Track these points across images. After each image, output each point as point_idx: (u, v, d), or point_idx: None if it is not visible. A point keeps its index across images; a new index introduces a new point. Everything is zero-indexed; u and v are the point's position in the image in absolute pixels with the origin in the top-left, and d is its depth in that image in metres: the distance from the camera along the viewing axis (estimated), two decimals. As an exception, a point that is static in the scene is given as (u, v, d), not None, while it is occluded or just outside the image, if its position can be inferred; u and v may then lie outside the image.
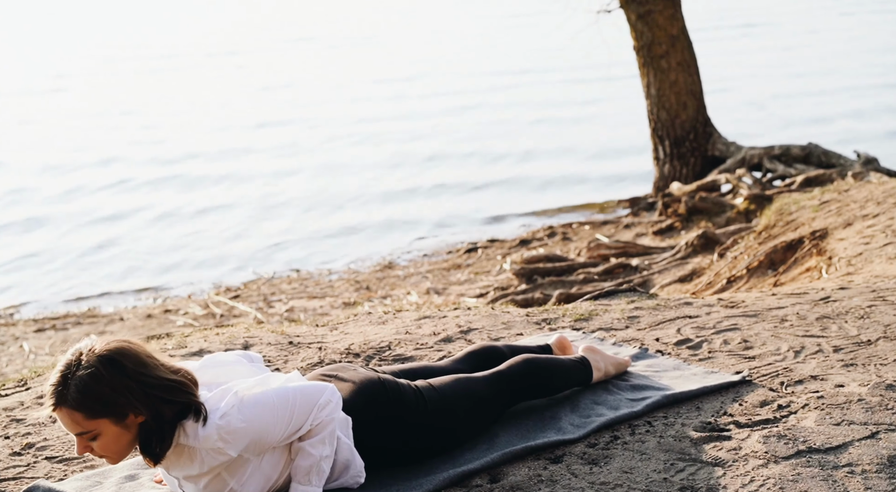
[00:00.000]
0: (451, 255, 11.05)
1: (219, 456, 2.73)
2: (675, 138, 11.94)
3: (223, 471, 2.78)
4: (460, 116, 19.75)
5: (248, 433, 2.72)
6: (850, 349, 3.96)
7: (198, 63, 30.68)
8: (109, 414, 2.64)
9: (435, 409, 3.11)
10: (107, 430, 2.66)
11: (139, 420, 2.69)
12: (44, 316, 9.88)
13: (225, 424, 2.70)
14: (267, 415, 2.75)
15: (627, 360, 3.82)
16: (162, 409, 2.67)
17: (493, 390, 3.30)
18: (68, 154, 18.21)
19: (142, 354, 2.71)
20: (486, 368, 3.56)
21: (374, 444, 3.01)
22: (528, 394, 3.45)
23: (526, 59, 27.63)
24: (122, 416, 2.66)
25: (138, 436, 2.71)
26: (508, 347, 3.72)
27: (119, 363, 2.66)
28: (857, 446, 3.09)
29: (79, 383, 2.62)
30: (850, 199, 7.95)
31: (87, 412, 2.63)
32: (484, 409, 3.27)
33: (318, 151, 17.47)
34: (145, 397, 2.65)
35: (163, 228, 13.05)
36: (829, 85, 20.72)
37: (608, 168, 14.75)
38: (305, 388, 2.84)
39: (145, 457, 2.74)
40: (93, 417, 2.64)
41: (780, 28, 31.21)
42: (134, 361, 2.68)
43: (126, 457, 2.77)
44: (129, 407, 2.65)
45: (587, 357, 3.69)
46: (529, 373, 3.42)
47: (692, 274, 8.57)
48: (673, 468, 3.01)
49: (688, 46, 11.85)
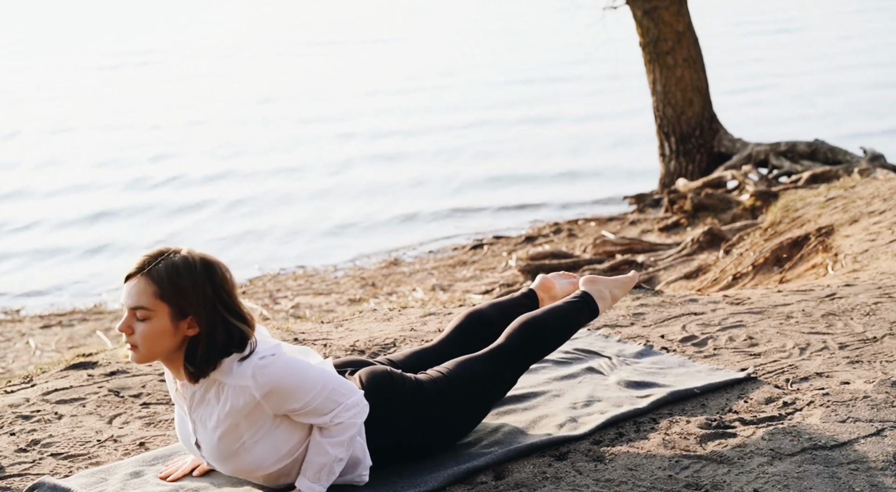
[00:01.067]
0: (456, 251, 11.05)
1: (243, 396, 2.73)
2: (680, 135, 11.92)
3: (242, 420, 2.76)
4: (466, 114, 19.73)
5: (279, 382, 2.73)
6: (855, 346, 3.95)
7: (196, 62, 30.71)
8: (175, 304, 2.70)
9: (441, 399, 3.07)
10: (161, 319, 2.71)
11: (192, 332, 2.73)
12: (50, 312, 9.90)
13: (263, 365, 2.73)
14: (302, 378, 2.76)
15: (632, 275, 3.62)
16: (221, 330, 2.73)
17: (497, 367, 3.21)
18: (67, 153, 18.24)
19: (231, 277, 2.80)
20: (479, 338, 3.45)
21: (383, 439, 3.00)
22: (536, 356, 3.32)
23: (532, 56, 27.60)
24: (182, 314, 2.71)
25: (185, 347, 2.74)
26: (492, 306, 3.55)
27: (212, 269, 2.75)
28: (863, 443, 3.08)
29: (170, 263, 2.71)
30: (857, 195, 7.93)
31: (159, 290, 2.70)
32: (489, 390, 3.20)
33: (325, 147, 17.47)
34: (214, 311, 2.72)
35: (167, 224, 13.06)
36: (835, 80, 20.67)
37: (614, 164, 14.73)
38: (342, 381, 2.86)
39: (186, 371, 2.75)
40: (160, 298, 2.70)
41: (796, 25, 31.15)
42: (223, 277, 2.77)
43: (154, 360, 2.78)
44: (195, 311, 2.71)
45: (587, 290, 3.50)
46: (530, 337, 3.29)
47: (698, 271, 8.56)
48: (678, 466, 3.01)
49: (694, 43, 11.83)
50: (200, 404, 2.82)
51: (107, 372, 4.10)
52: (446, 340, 3.46)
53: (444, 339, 3.47)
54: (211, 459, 2.88)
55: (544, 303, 3.63)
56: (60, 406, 3.77)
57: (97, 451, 3.37)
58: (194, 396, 2.83)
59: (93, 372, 4.11)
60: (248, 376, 2.72)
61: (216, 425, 2.79)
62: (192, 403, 2.84)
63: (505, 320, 3.52)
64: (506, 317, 3.52)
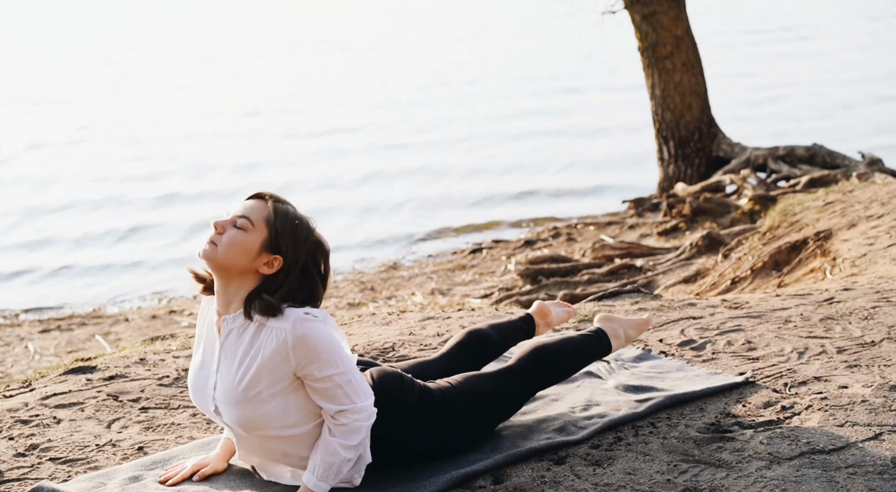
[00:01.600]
0: (455, 255, 11.05)
1: (277, 340, 2.76)
2: (679, 139, 11.93)
3: (266, 368, 2.78)
4: (467, 121, 19.75)
5: (313, 339, 2.76)
6: (853, 350, 3.95)
7: (192, 70, 30.71)
8: (273, 236, 2.80)
9: (447, 409, 3.08)
10: (253, 238, 2.80)
11: (266, 270, 2.80)
12: (49, 317, 9.90)
13: (306, 317, 2.77)
14: (334, 350, 2.80)
15: (647, 318, 3.70)
16: (300, 286, 2.82)
17: (506, 388, 3.24)
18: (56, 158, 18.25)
19: (328, 258, 2.92)
20: (481, 358, 3.53)
21: (387, 440, 3.00)
22: (545, 384, 3.37)
23: (531, 61, 27.62)
24: (272, 248, 2.81)
25: (254, 281, 2.81)
26: (492, 327, 3.64)
27: (321, 242, 2.90)
28: (861, 448, 3.08)
29: (291, 208, 2.88)
30: (855, 200, 7.94)
31: (270, 217, 2.81)
32: (496, 408, 3.23)
33: (323, 153, 17.48)
34: (303, 265, 2.83)
35: (168, 230, 13.06)
36: (835, 84, 20.69)
37: (613, 168, 14.74)
38: (364, 382, 2.90)
39: (248, 303, 2.80)
40: (266, 223, 2.81)
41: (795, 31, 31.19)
42: (323, 254, 2.90)
43: (219, 265, 2.81)
44: (286, 253, 2.80)
45: (602, 327, 3.58)
46: (542, 364, 3.34)
47: (696, 275, 8.56)
48: (676, 470, 3.01)
49: (692, 47, 11.84)
50: (236, 340, 2.84)
51: (105, 377, 4.10)
52: (446, 356, 3.51)
53: (445, 354, 3.53)
54: (223, 402, 2.86)
55: (540, 328, 3.77)
56: (59, 411, 3.77)
57: (96, 455, 3.37)
58: (232, 332, 2.85)
59: (91, 377, 4.11)
60: (289, 322, 2.76)
61: (241, 364, 2.81)
62: (228, 339, 2.86)
63: (504, 342, 3.65)
64: (504, 339, 3.65)
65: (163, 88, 26.37)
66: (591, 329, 3.57)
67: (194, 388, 2.97)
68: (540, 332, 3.75)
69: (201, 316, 3.00)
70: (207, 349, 2.94)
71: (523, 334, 3.71)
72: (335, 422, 2.85)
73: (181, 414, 3.71)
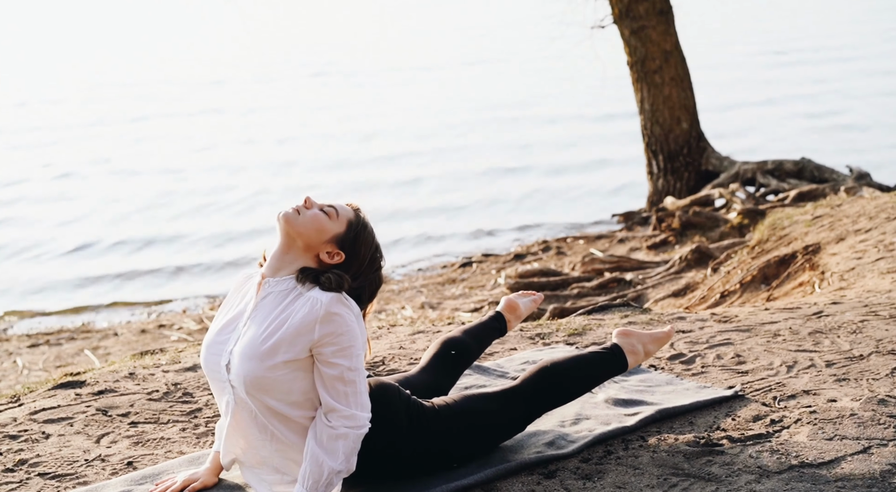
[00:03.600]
0: (445, 269, 11.06)
1: (310, 311, 2.81)
2: (668, 153, 11.98)
3: (288, 337, 2.82)
4: (456, 132, 19.79)
5: (341, 321, 2.81)
6: (842, 364, 3.97)
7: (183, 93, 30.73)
8: (349, 235, 2.95)
9: (441, 428, 3.07)
10: (331, 227, 2.94)
11: (327, 259, 2.92)
12: (37, 331, 9.86)
13: (343, 300, 2.84)
14: (356, 347, 2.85)
15: (669, 330, 3.51)
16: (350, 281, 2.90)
17: (505, 408, 3.19)
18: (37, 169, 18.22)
19: (380, 273, 3.06)
20: (458, 365, 3.57)
21: (378, 452, 2.99)
22: (550, 405, 3.29)
23: (520, 74, 27.71)
24: (341, 245, 2.95)
25: (317, 260, 2.92)
26: (464, 332, 3.69)
27: (378, 259, 3.03)
28: (850, 461, 3.09)
29: (371, 228, 3.04)
30: (843, 214, 7.98)
31: (353, 219, 2.98)
32: (495, 429, 3.19)
33: (314, 164, 17.48)
34: (357, 274, 2.94)
35: (157, 244, 13.04)
36: (822, 97, 20.80)
37: (603, 182, 14.79)
38: (366, 394, 2.91)
39: (300, 273, 2.90)
40: (347, 223, 2.97)
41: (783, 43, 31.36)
42: (381, 274, 3.04)
43: (296, 232, 2.92)
44: (351, 254, 2.94)
45: (619, 343, 3.43)
46: (547, 385, 3.26)
47: (686, 288, 8.58)
48: (666, 483, 3.02)
49: (681, 61, 11.90)
50: (271, 303, 2.89)
51: (94, 391, 4.08)
52: (426, 369, 3.52)
53: (424, 368, 3.53)
54: (238, 355, 2.87)
55: (511, 323, 3.86)
56: (48, 426, 3.75)
57: (85, 470, 3.36)
58: (269, 295, 2.90)
59: (80, 391, 4.10)
60: (328, 296, 2.83)
61: (271, 324, 2.85)
62: (264, 300, 2.90)
63: (478, 345, 3.72)
64: (479, 342, 3.72)
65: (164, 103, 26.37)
66: (605, 345, 3.45)
67: (210, 344, 2.97)
68: (512, 326, 3.85)
69: (235, 290, 3.07)
70: (239, 311, 2.98)
71: (496, 333, 3.81)
72: (325, 423, 2.83)
73: (171, 429, 3.70)
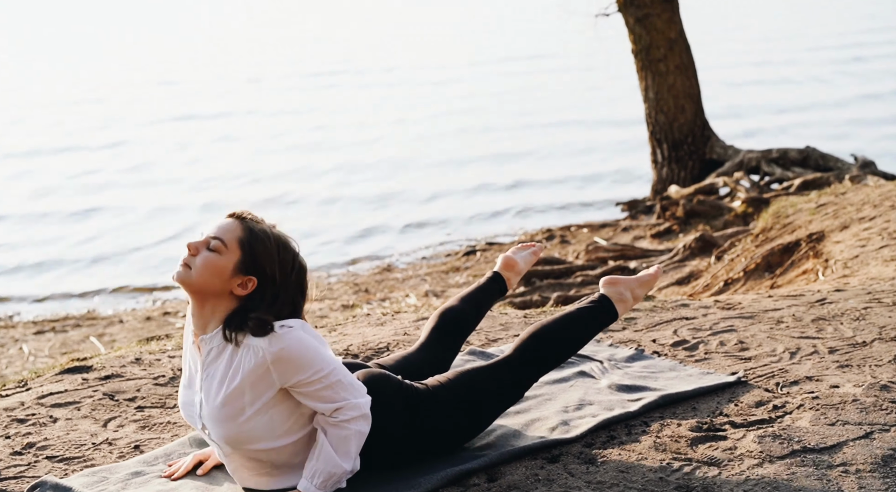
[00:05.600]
0: (449, 258, 11.08)
1: (255, 358, 2.73)
2: (673, 141, 11.97)
3: (248, 385, 2.75)
4: (461, 119, 19.78)
5: (292, 350, 2.73)
6: (845, 351, 3.98)
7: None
8: (248, 258, 2.76)
9: (438, 408, 3.07)
10: (227, 259, 2.75)
11: (240, 291, 2.76)
12: (43, 318, 9.90)
13: (281, 332, 2.74)
14: (315, 353, 2.76)
15: (655, 271, 3.46)
16: (278, 305, 2.77)
17: (502, 380, 3.18)
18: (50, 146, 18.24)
19: (305, 273, 2.88)
20: (460, 334, 3.50)
21: (377, 442, 3.01)
22: (547, 368, 3.27)
23: (525, 63, 27.66)
24: (246, 270, 2.76)
25: (226, 304, 2.77)
26: (462, 299, 3.59)
27: (298, 259, 2.86)
28: (852, 446, 3.11)
29: (269, 229, 2.83)
30: (847, 202, 7.98)
31: (243, 237, 2.77)
32: (494, 401, 3.19)
33: (317, 153, 17.49)
34: (280, 284, 2.78)
35: (161, 231, 13.07)
36: (828, 87, 20.76)
37: (607, 170, 14.78)
38: (354, 380, 2.86)
39: (227, 325, 2.77)
40: (239, 244, 2.76)
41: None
42: (301, 269, 2.86)
43: (193, 288, 2.78)
44: (261, 274, 2.76)
45: (606, 293, 3.39)
46: (540, 349, 3.24)
47: (689, 277, 8.59)
48: (669, 468, 3.04)
49: (686, 50, 11.88)
50: (215, 359, 2.81)
51: (101, 376, 4.11)
52: (426, 345, 3.47)
53: (424, 343, 3.48)
54: (208, 420, 2.84)
55: (511, 281, 3.73)
56: (55, 410, 3.78)
57: (92, 454, 3.38)
58: (211, 351, 2.82)
59: (87, 376, 4.13)
60: (265, 339, 2.73)
61: (222, 384, 2.77)
62: (208, 358, 2.82)
63: (477, 311, 3.60)
64: (477, 307, 3.60)
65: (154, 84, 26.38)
66: (593, 298, 3.41)
67: (183, 405, 2.95)
68: (513, 284, 3.72)
69: (187, 331, 2.96)
70: (192, 368, 2.92)
71: (496, 294, 3.67)
72: (333, 420, 2.82)
73: (177, 413, 3.73)
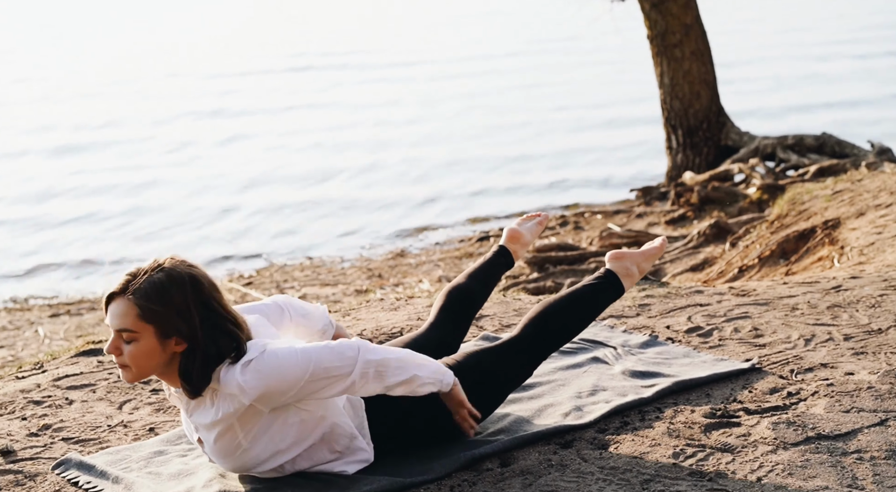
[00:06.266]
0: (462, 243, 11.07)
1: (233, 403, 2.70)
2: (688, 128, 11.92)
3: (235, 422, 2.74)
4: (471, 106, 19.74)
5: (265, 385, 2.66)
6: (860, 338, 3.97)
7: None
8: (160, 324, 2.64)
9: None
10: (147, 340, 2.65)
11: (180, 348, 2.68)
12: (58, 301, 9.95)
13: (245, 374, 2.67)
14: (285, 368, 2.69)
15: (660, 243, 3.45)
16: (211, 343, 2.66)
17: (510, 360, 3.18)
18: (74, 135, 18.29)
19: (214, 285, 2.73)
20: (468, 312, 3.48)
21: (389, 428, 3.02)
22: (554, 346, 3.27)
23: (542, 46, 27.58)
24: (168, 333, 2.66)
25: (178, 363, 2.69)
26: (469, 276, 3.56)
27: (196, 283, 2.68)
28: (867, 433, 3.10)
29: (152, 282, 2.65)
30: (863, 188, 7.94)
31: (141, 312, 2.64)
32: (504, 381, 3.18)
33: (328, 138, 17.49)
34: (202, 326, 2.66)
35: (178, 215, 13.10)
36: (845, 73, 20.63)
37: (621, 157, 14.75)
38: (332, 345, 2.79)
39: (184, 388, 2.72)
40: (145, 319, 2.64)
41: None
42: (207, 287, 2.70)
43: (145, 378, 2.74)
44: (181, 329, 2.65)
45: (612, 268, 3.38)
46: (547, 328, 3.23)
47: (704, 263, 8.57)
48: (682, 454, 3.03)
49: (702, 35, 11.82)
50: (197, 407, 2.80)
51: (116, 359, 4.13)
52: (435, 325, 3.45)
53: (433, 323, 3.45)
54: (212, 456, 2.89)
55: (518, 254, 3.67)
56: (71, 392, 3.81)
57: (108, 436, 3.40)
58: (190, 403, 2.81)
59: (103, 359, 4.15)
60: (235, 386, 2.67)
61: (212, 427, 2.78)
62: (189, 406, 2.82)
63: (485, 287, 3.56)
64: (485, 284, 3.57)
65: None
66: (599, 273, 3.41)
67: (186, 429, 2.97)
68: (519, 256, 3.68)
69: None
70: (183, 415, 2.91)
71: (503, 268, 3.64)
72: (354, 381, 2.76)
73: (191, 396, 3.75)
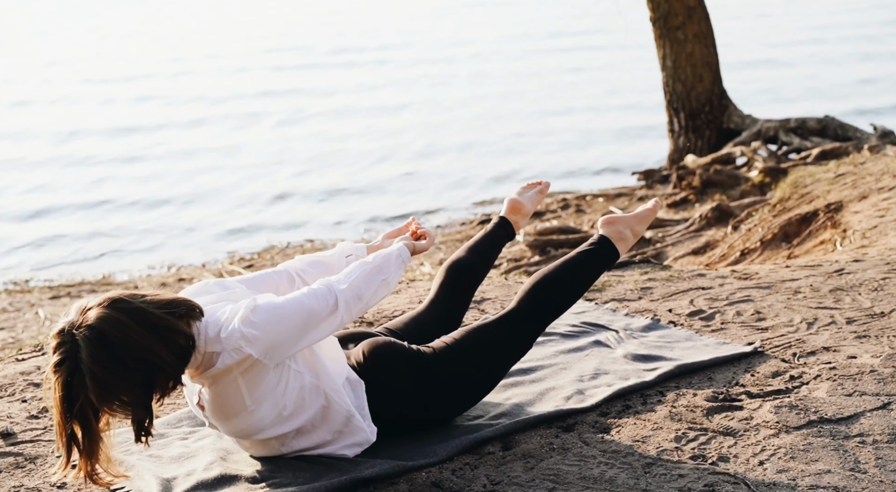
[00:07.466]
0: (464, 226, 11.06)
1: (236, 355, 2.67)
2: (690, 111, 11.88)
3: (239, 376, 2.71)
4: (474, 86, 19.69)
5: (269, 332, 2.67)
6: (863, 321, 3.96)
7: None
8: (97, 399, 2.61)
9: (446, 370, 3.04)
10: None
11: (126, 412, 2.66)
12: (59, 283, 9.94)
13: (246, 323, 2.66)
14: (284, 313, 2.70)
15: (653, 205, 3.43)
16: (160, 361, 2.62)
17: (508, 334, 3.14)
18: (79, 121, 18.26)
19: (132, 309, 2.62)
20: (469, 287, 3.46)
21: (387, 410, 3.01)
22: (552, 317, 3.23)
23: (543, 28, 27.49)
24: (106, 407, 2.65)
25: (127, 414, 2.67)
26: (469, 250, 3.52)
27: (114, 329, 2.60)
28: (869, 417, 3.09)
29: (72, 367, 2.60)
30: (866, 172, 7.91)
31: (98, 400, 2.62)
32: (503, 357, 3.16)
33: (332, 118, 17.46)
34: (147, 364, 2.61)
35: (179, 198, 13.08)
36: (845, 55, 20.56)
37: (623, 140, 14.71)
38: (308, 292, 2.80)
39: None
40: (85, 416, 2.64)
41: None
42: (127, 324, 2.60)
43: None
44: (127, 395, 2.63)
45: (605, 233, 3.36)
46: (543, 299, 3.20)
47: (706, 246, 8.55)
48: (684, 438, 3.03)
49: (705, 18, 11.75)
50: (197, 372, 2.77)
51: (117, 342, 4.12)
52: (436, 301, 3.43)
53: (434, 300, 3.43)
54: (214, 419, 2.83)
55: (519, 225, 3.63)
56: (71, 375, 3.79)
57: (108, 419, 3.39)
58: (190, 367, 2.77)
59: (103, 341, 4.13)
60: (238, 338, 2.66)
61: (215, 382, 2.74)
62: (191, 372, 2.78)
63: (486, 260, 3.52)
64: (486, 257, 3.53)
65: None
66: (593, 240, 3.39)
67: (187, 394, 2.94)
68: (521, 226, 3.64)
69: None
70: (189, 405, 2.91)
71: (503, 240, 3.59)
72: (342, 315, 2.80)
73: (192, 379, 3.73)
